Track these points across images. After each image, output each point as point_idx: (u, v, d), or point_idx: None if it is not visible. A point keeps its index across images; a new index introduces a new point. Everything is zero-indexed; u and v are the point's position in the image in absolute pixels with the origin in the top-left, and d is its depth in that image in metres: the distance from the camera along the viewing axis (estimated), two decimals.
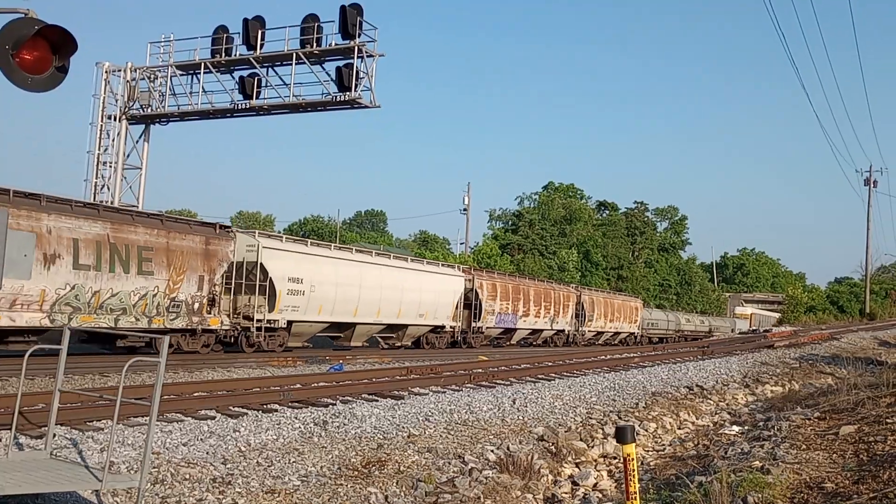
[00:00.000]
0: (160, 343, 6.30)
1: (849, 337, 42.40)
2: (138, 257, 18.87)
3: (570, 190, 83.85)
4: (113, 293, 18.21)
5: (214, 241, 21.21)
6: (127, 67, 28.40)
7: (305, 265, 23.38)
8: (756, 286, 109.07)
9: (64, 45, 6.29)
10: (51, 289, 16.13)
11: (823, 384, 17.99)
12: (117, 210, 21.07)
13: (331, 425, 10.40)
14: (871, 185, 79.20)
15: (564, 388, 16.09)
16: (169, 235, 19.86)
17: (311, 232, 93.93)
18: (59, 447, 8.11)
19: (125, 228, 18.79)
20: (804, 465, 8.09)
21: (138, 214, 20.77)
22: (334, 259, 24.98)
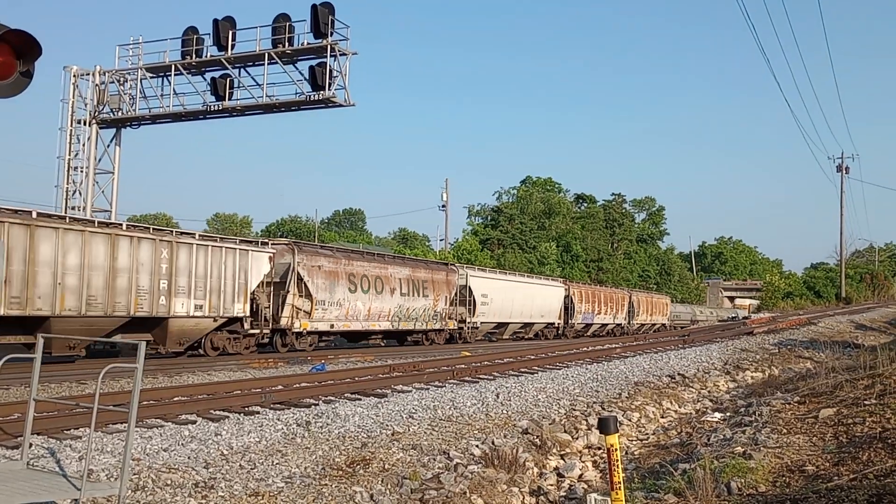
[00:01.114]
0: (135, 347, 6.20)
1: (826, 321, 42.96)
2: (422, 287, 31.00)
3: (548, 184, 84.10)
4: (413, 308, 30.39)
5: (450, 273, 33.49)
6: (96, 71, 28.01)
7: (488, 285, 34.80)
8: (734, 274, 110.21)
9: (28, 50, 6.16)
10: (393, 307, 28.99)
11: (802, 369, 18.19)
12: (414, 259, 35.95)
13: (314, 426, 10.34)
14: (844, 172, 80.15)
15: (548, 380, 16.13)
16: (433, 273, 32.33)
17: (289, 232, 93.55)
18: (37, 457, 7.98)
19: (417, 269, 31.53)
20: (785, 449, 8.16)
21: (420, 260, 36.18)
22: (503, 280, 37.02)
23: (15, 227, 16.90)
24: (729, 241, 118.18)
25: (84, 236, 18.32)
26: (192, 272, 20.78)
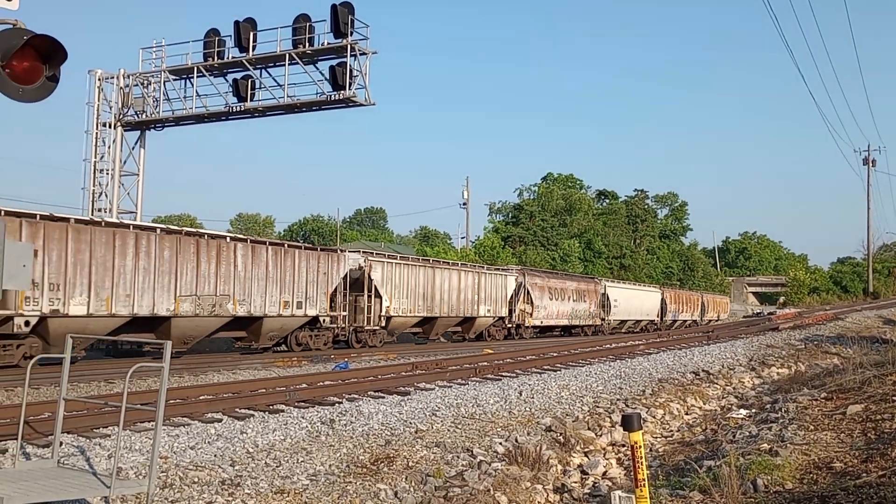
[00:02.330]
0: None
1: (853, 316, 42.39)
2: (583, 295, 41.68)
3: (570, 180, 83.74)
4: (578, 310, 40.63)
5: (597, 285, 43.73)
6: (120, 74, 28.35)
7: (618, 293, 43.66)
8: (759, 269, 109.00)
9: (53, 55, 6.26)
10: (568, 310, 39.11)
11: (829, 364, 17.98)
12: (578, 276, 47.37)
13: (338, 423, 10.40)
14: (870, 165, 78.95)
15: (570, 378, 16.09)
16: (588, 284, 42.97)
17: (312, 231, 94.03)
18: (67, 455, 8.12)
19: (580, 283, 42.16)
20: (812, 446, 8.08)
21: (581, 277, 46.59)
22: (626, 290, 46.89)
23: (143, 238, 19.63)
24: (753, 236, 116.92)
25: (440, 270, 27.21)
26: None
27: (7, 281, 6.05)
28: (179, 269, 20.19)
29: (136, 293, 19.18)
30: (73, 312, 17.93)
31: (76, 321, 17.99)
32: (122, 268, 18.89)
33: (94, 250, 18.32)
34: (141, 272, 19.32)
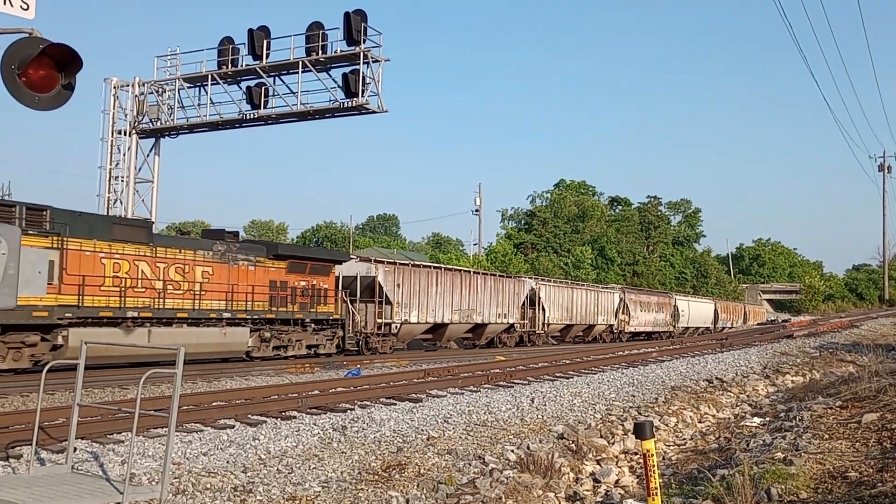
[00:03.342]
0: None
1: (869, 324, 42.02)
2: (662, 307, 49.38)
3: (582, 187, 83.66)
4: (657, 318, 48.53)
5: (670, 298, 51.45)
6: (135, 82, 28.58)
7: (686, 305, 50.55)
8: (773, 276, 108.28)
9: (69, 63, 6.32)
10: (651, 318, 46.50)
11: (844, 372, 17.82)
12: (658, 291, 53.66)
13: (350, 430, 10.41)
14: (886, 171, 78.44)
15: (583, 385, 16.03)
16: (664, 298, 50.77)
17: (325, 238, 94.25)
18: (81, 461, 8.16)
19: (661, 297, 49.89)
20: (827, 455, 8.00)
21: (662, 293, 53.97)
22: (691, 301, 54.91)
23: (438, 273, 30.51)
24: (767, 242, 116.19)
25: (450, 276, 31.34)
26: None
27: (23, 286, 6.11)
28: (452, 293, 30.52)
29: (436, 309, 29.60)
30: (412, 320, 28.45)
31: (412, 326, 28.84)
32: (431, 294, 29.41)
33: (417, 281, 28.67)
34: (438, 296, 29.73)
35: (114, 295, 18.62)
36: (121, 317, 18.79)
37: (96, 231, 18.46)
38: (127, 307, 18.92)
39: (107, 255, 18.56)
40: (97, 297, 18.20)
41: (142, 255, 19.46)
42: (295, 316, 23.76)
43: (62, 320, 17.30)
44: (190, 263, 20.76)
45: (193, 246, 21.36)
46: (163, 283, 19.90)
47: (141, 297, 19.36)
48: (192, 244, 21.58)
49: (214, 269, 21.36)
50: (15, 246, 5.77)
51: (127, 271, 19.03)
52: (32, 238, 16.32)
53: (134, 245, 19.29)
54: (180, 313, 20.29)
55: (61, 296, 17.23)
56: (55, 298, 17.02)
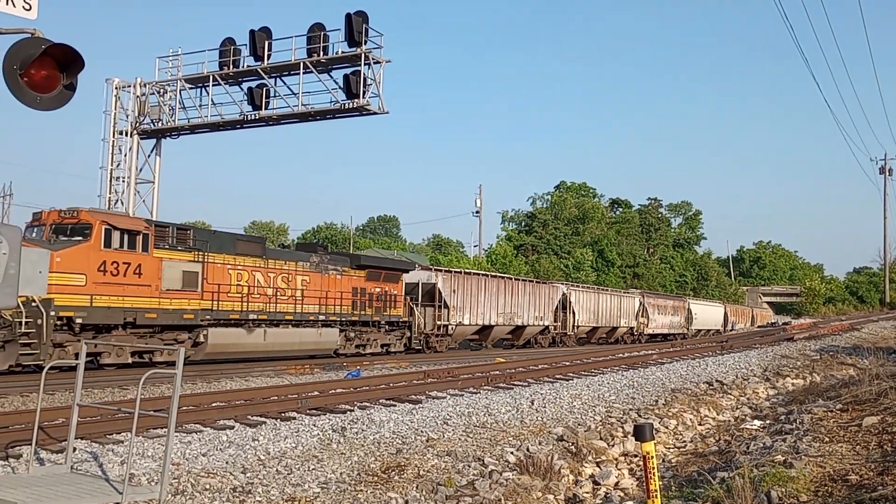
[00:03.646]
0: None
1: (869, 327, 42.02)
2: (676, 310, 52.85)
3: (583, 189, 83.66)
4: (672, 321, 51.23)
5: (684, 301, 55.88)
6: (136, 83, 28.60)
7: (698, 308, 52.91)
8: (773, 279, 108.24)
9: (71, 63, 6.33)
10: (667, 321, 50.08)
11: (845, 375, 17.80)
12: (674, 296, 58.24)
13: (349, 431, 10.41)
14: (887, 174, 78.48)
15: (583, 387, 16.03)
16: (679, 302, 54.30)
17: (325, 239, 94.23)
18: (80, 461, 8.16)
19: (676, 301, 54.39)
20: (827, 458, 8.00)
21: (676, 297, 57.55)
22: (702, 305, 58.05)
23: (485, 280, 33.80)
24: (768, 245, 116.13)
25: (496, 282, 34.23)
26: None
27: (24, 286, 6.11)
28: (497, 298, 33.58)
29: (484, 312, 32.79)
30: (465, 322, 31.76)
31: (465, 328, 32.08)
32: (480, 298, 32.52)
33: (469, 287, 31.91)
34: (485, 301, 32.82)
35: (238, 300, 21.84)
36: (244, 319, 21.99)
37: (225, 246, 21.72)
38: (248, 311, 22.11)
39: (232, 267, 21.81)
40: (226, 302, 21.39)
41: (257, 266, 22.71)
42: (372, 318, 26.97)
43: (203, 321, 20.61)
44: (292, 273, 23.92)
45: (295, 258, 24.51)
46: (273, 290, 23.15)
47: (257, 302, 22.49)
48: (293, 256, 24.74)
49: (311, 277, 24.56)
50: (16, 246, 5.77)
51: (246, 280, 22.23)
52: (180, 253, 20.28)
53: (252, 258, 22.51)
54: (287, 316, 23.53)
55: (202, 301, 20.67)
56: (199, 303, 20.49)
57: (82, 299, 17.75)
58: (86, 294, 17.82)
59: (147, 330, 19.49)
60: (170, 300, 19.82)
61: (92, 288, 17.94)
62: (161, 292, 19.59)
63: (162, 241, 19.87)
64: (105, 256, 18.22)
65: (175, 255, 20.11)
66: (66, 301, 17.31)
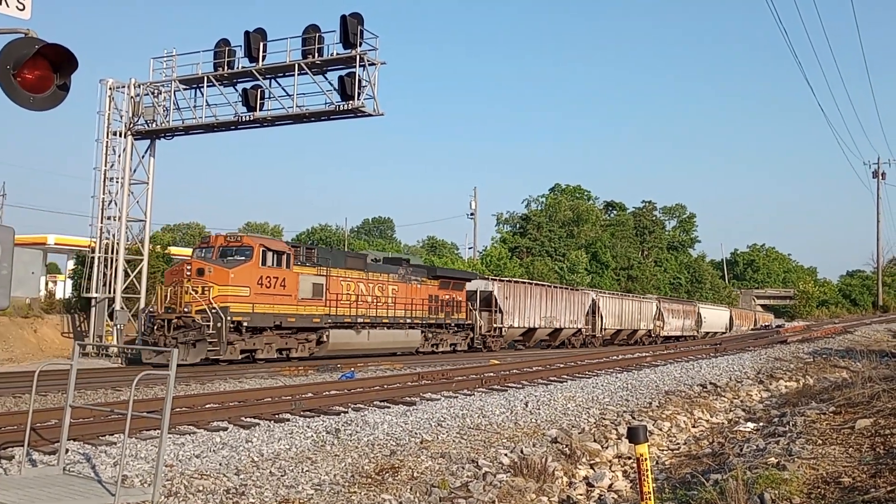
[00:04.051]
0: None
1: (862, 330, 42.16)
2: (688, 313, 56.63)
3: (577, 191, 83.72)
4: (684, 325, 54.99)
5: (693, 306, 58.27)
6: (130, 84, 28.51)
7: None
8: (767, 282, 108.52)
9: (64, 64, 6.31)
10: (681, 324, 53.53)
11: (838, 378, 17.85)
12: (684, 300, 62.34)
13: (343, 433, 10.39)
14: (880, 178, 78.79)
15: (577, 389, 16.04)
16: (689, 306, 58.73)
17: (320, 241, 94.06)
18: (73, 462, 8.13)
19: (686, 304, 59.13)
20: (820, 461, 8.02)
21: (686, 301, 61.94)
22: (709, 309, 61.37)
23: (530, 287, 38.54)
24: (761, 248, 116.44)
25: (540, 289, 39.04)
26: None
27: (16, 287, 6.09)
28: (540, 304, 37.74)
29: (530, 316, 36.70)
30: (515, 325, 35.82)
31: (514, 330, 36.15)
32: (526, 304, 36.52)
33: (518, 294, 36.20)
34: (531, 306, 36.95)
35: (349, 307, 26.20)
36: (354, 322, 26.42)
37: (338, 262, 26.53)
38: (356, 315, 26.56)
39: (343, 279, 26.27)
40: (341, 308, 25.83)
41: (361, 278, 27.30)
42: (444, 321, 31.61)
43: (326, 324, 25.06)
44: (385, 283, 28.50)
45: (387, 270, 29.11)
46: (372, 297, 27.68)
47: (362, 307, 26.88)
48: (386, 269, 29.15)
49: (399, 287, 29.21)
50: (8, 247, 5.75)
51: (354, 290, 26.67)
52: (310, 268, 24.93)
53: (357, 271, 27.15)
54: (383, 319, 28.02)
55: (326, 308, 25.09)
56: (323, 309, 25.09)
57: (247, 307, 22.29)
58: (249, 303, 22.36)
59: (287, 331, 23.89)
60: (304, 307, 24.28)
61: (253, 298, 22.43)
62: (297, 301, 24.07)
63: (297, 259, 24.42)
64: (262, 273, 22.80)
65: (306, 271, 24.77)
66: (237, 308, 21.94)
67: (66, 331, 29.10)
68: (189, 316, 21.37)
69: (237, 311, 21.89)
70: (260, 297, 22.62)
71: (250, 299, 22.34)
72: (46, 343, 27.85)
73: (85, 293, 28.08)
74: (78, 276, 30.57)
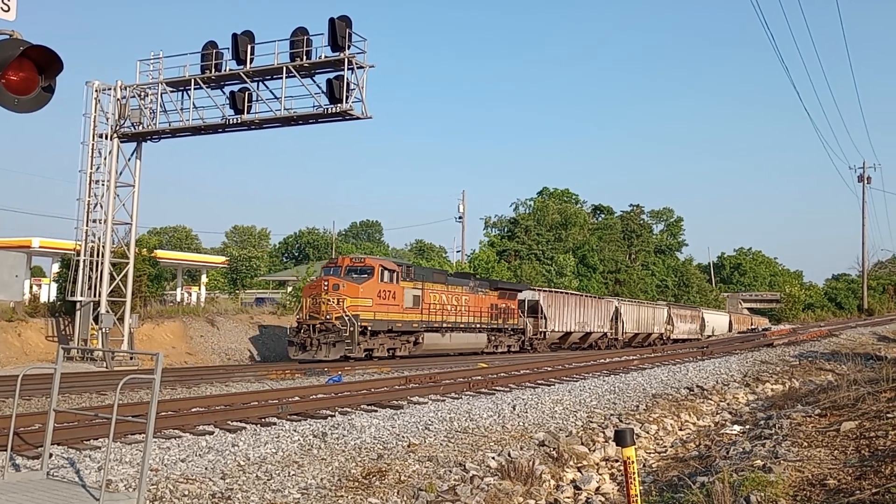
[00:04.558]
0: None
1: (848, 333, 42.46)
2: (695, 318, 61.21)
3: (565, 195, 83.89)
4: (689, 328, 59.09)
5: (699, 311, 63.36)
6: (117, 86, 28.34)
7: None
8: (753, 285, 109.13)
9: (49, 65, 6.27)
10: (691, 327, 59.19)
11: (823, 381, 17.97)
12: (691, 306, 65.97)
13: (330, 437, 10.35)
14: (865, 182, 79.47)
15: (564, 392, 16.05)
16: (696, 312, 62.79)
17: (307, 244, 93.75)
18: (56, 467, 8.06)
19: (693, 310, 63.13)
20: (806, 463, 8.06)
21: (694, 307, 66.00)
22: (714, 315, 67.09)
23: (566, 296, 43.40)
24: (748, 252, 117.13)
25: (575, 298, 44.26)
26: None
27: (0, 290, 6.04)
28: (574, 311, 42.59)
29: (567, 321, 41.55)
30: (555, 329, 40.37)
31: (554, 334, 40.65)
32: (564, 311, 41.43)
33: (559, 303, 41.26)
34: (567, 313, 41.64)
35: (436, 314, 31.38)
36: (440, 326, 31.65)
37: (429, 277, 32.24)
38: (442, 321, 31.74)
39: (431, 291, 31.42)
40: (432, 315, 31.00)
41: (443, 290, 32.57)
42: (502, 326, 36.67)
43: (421, 328, 30.44)
44: (460, 294, 33.78)
45: (461, 283, 34.52)
46: (451, 306, 32.76)
47: (445, 315, 32.13)
48: (460, 282, 34.57)
49: (469, 297, 34.44)
50: None
51: (439, 300, 31.79)
52: (411, 283, 30.11)
53: (440, 284, 32.51)
54: (460, 324, 33.33)
55: (422, 315, 30.39)
56: (420, 316, 30.33)
57: (371, 314, 27.53)
58: (372, 311, 27.62)
59: (395, 334, 29.13)
60: (407, 314, 29.69)
61: (375, 308, 27.79)
62: (403, 309, 29.44)
63: (402, 276, 29.83)
64: (381, 287, 28.32)
65: (408, 285, 30.03)
66: (364, 315, 27.12)
67: (50, 334, 28.85)
68: (330, 322, 26.21)
69: (364, 317, 27.04)
70: (379, 306, 28.09)
71: (373, 308, 27.70)
72: (31, 347, 27.61)
73: (70, 297, 27.84)
74: (63, 280, 30.34)
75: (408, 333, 29.87)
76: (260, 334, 35.57)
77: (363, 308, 27.10)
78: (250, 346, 34.37)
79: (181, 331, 32.71)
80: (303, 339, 26.23)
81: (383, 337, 28.32)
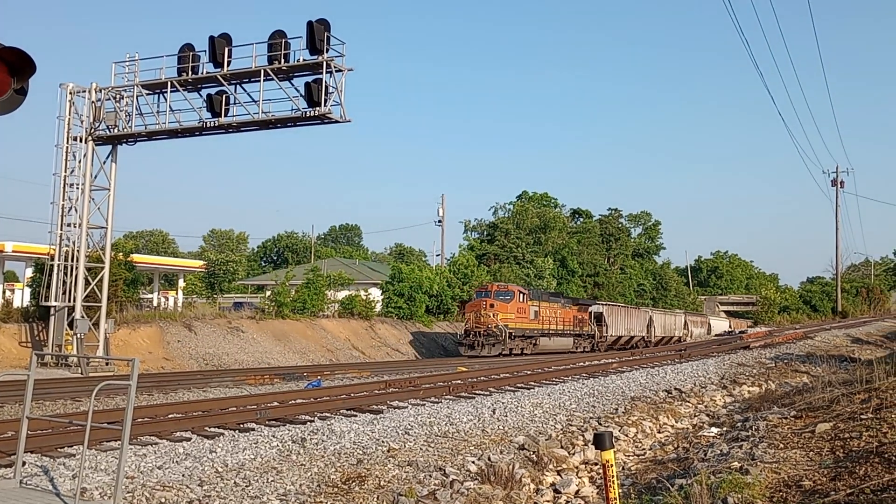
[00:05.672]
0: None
1: (822, 335, 42.98)
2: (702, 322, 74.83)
3: (544, 199, 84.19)
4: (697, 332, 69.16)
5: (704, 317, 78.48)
6: (92, 88, 28.01)
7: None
8: (730, 288, 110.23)
9: (22, 67, 6.17)
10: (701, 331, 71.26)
11: (799, 383, 18.17)
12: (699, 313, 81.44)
13: (309, 442, 10.29)
14: (839, 186, 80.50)
15: (544, 396, 16.09)
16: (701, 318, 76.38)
17: (286, 248, 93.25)
18: (30, 475, 7.93)
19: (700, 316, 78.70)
20: (782, 464, 8.14)
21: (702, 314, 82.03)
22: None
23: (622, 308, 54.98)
24: (725, 255, 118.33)
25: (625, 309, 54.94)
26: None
27: None
28: (624, 318, 51.45)
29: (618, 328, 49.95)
30: (612, 334, 48.74)
31: (611, 338, 48.40)
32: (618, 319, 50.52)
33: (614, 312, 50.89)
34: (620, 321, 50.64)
35: (546, 324, 41.79)
36: (547, 333, 41.78)
37: (541, 297, 42.84)
38: (548, 328, 42.02)
39: (537, 307, 41.26)
40: (543, 325, 41.55)
41: (547, 306, 42.76)
42: (580, 332, 46.20)
43: (537, 334, 40.69)
44: (556, 308, 43.90)
45: (556, 300, 45.00)
46: (553, 318, 42.93)
47: (550, 324, 42.42)
48: (555, 300, 44.93)
49: (561, 311, 44.43)
50: None
51: (546, 314, 42.09)
52: (532, 301, 41.32)
53: (545, 301, 42.83)
54: (558, 331, 43.45)
55: (539, 324, 40.99)
56: (538, 325, 40.88)
57: (513, 325, 38.31)
58: (513, 322, 38.36)
59: (523, 338, 39.18)
60: (531, 324, 40.45)
61: (515, 320, 38.59)
62: (529, 320, 40.26)
63: (529, 297, 40.94)
64: (518, 305, 39.31)
65: (531, 303, 41.06)
66: (511, 325, 38.02)
67: (23, 340, 28.42)
68: (490, 329, 37.17)
69: (511, 326, 38.03)
70: (517, 319, 38.97)
71: (514, 320, 38.57)
72: (3, 353, 27.17)
73: (44, 302, 27.44)
74: (37, 285, 29.89)
75: (531, 338, 40.48)
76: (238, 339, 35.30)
77: (509, 320, 38.23)
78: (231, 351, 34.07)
79: (158, 336, 32.35)
80: (471, 341, 37.39)
81: (518, 340, 38.90)
